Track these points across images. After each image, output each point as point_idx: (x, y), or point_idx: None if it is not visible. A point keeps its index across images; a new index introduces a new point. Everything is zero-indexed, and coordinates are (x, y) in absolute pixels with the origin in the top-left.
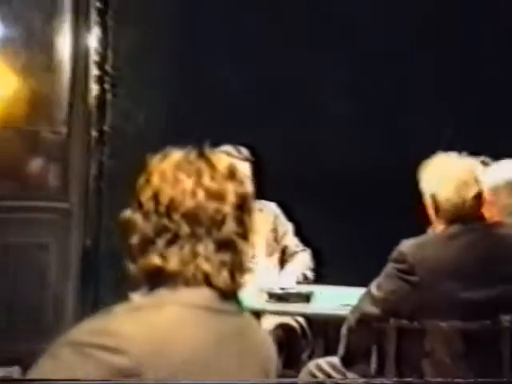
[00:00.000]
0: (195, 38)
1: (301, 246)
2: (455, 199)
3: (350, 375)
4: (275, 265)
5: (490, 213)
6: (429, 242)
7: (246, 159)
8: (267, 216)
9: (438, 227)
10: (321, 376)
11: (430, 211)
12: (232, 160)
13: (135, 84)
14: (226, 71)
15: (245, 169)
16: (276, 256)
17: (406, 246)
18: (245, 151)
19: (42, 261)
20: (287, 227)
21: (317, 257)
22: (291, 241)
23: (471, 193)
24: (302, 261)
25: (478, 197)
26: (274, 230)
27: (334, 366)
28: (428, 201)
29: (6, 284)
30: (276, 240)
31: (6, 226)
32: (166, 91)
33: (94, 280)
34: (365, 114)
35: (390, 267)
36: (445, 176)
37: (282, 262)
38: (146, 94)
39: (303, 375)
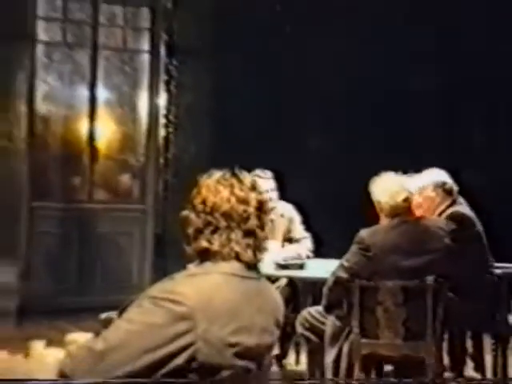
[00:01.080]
0: (228, 99)
1: (304, 234)
2: (390, 203)
3: (330, 317)
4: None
5: (418, 210)
6: (379, 230)
7: (269, 178)
8: (284, 221)
9: (383, 221)
10: (310, 318)
11: (377, 211)
12: (254, 177)
13: (189, 128)
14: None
15: (270, 184)
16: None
17: (364, 232)
18: (269, 173)
19: (128, 244)
20: (296, 222)
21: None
22: (297, 231)
23: (400, 198)
24: (305, 245)
25: (406, 200)
26: (288, 231)
27: (319, 312)
28: (375, 204)
29: (106, 259)
30: (288, 233)
31: (103, 220)
32: (210, 133)
33: (163, 257)
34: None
35: (353, 247)
36: (383, 188)
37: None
38: (197, 134)
39: (299, 318)
